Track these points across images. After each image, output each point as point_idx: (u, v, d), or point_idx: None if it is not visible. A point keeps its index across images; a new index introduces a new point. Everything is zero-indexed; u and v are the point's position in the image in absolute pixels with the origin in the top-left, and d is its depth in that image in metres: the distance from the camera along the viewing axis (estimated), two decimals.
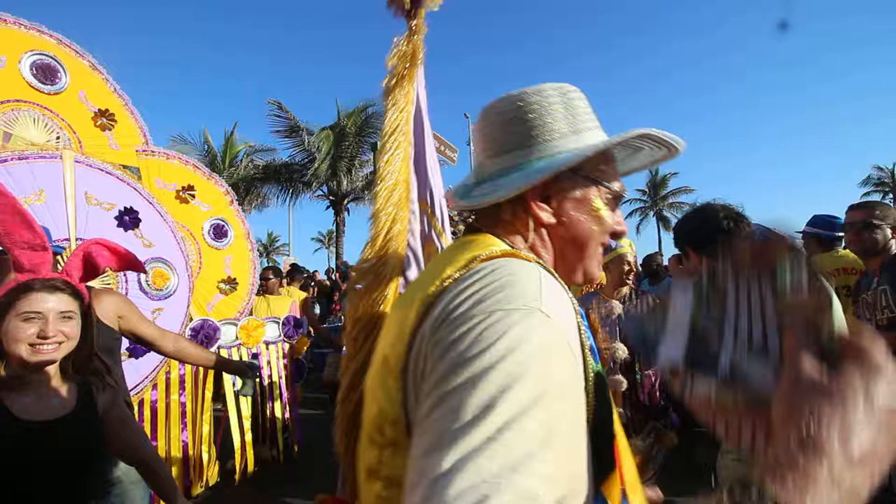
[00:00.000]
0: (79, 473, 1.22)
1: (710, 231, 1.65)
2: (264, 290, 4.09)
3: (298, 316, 4.32)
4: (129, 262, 1.43)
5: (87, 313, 1.28)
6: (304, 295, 5.53)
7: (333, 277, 10.72)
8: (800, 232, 3.22)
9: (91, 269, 1.32)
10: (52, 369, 1.23)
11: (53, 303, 1.18)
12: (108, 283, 3.01)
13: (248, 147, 18.44)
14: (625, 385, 2.65)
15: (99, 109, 3.29)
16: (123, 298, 2.12)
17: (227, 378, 3.57)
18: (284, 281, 6.66)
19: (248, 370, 2.25)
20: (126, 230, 3.21)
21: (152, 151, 3.55)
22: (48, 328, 1.15)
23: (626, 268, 3.07)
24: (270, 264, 8.44)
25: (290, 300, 4.39)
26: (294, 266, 11.01)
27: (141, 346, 2.19)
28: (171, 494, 1.50)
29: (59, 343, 1.19)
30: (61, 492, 1.18)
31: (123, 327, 2.02)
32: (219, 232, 3.68)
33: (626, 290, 3.08)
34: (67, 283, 1.23)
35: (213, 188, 3.74)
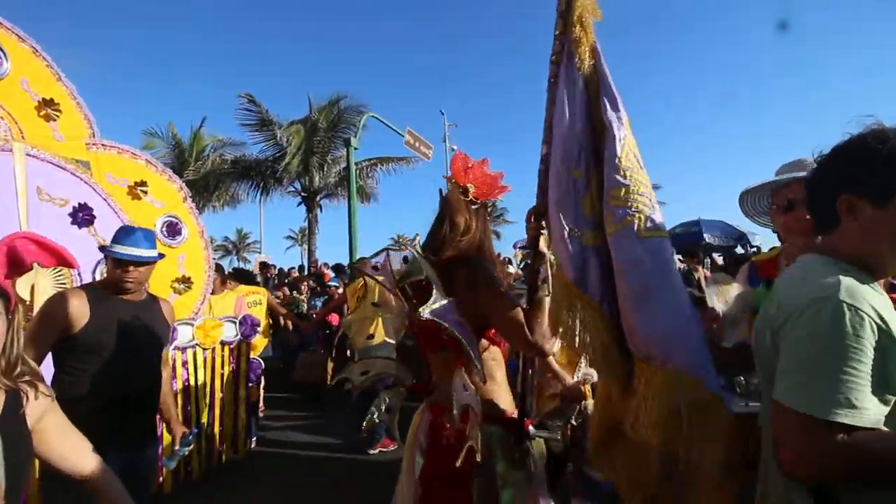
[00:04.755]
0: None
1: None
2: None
3: (246, 312, 4.22)
4: (60, 258, 1.35)
5: (12, 314, 1.14)
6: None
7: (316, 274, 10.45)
8: None
9: (16, 264, 1.23)
10: None
11: None
12: (64, 283, 2.88)
13: (217, 141, 17.83)
14: None
15: (43, 98, 3.13)
16: (173, 310, 2.29)
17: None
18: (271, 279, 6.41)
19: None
20: (80, 228, 3.06)
21: (103, 145, 3.41)
22: None
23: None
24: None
25: (234, 298, 4.24)
26: (263, 264, 10.80)
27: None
28: None
29: None
30: None
31: None
32: (172, 229, 3.55)
33: None
34: None
35: (167, 184, 3.61)
